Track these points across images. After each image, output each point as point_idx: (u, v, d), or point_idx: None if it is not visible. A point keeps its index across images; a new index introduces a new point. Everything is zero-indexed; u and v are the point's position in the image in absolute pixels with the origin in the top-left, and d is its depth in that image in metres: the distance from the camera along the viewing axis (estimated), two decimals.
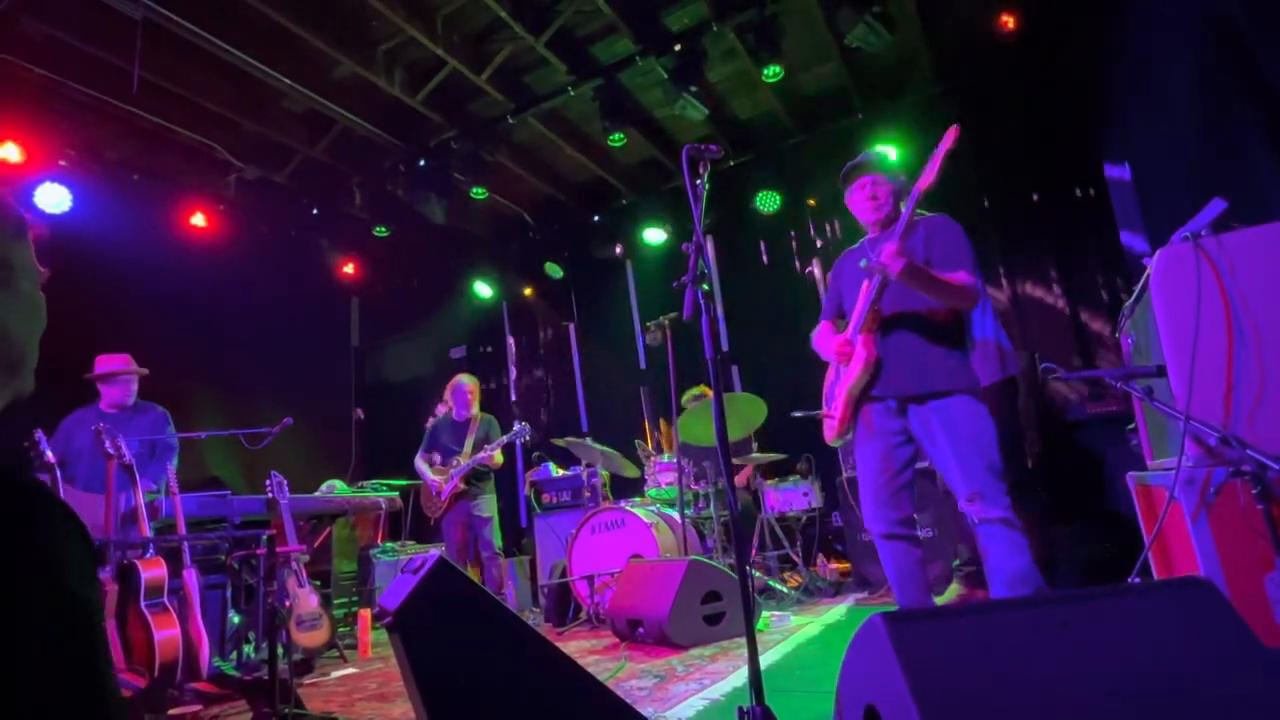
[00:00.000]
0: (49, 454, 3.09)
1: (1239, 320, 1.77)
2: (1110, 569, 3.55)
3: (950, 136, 2.20)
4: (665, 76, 4.90)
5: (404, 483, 5.74)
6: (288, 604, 3.71)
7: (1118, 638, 1.11)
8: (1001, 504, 2.23)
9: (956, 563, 3.93)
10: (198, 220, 6.03)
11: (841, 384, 2.53)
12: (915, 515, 2.46)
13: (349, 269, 7.28)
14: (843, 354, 2.51)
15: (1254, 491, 1.63)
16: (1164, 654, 1.10)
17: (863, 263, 2.50)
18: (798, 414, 4.62)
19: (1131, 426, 2.98)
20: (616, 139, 5.41)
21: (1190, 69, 3.17)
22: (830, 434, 2.59)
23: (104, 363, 4.19)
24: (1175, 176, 3.44)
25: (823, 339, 2.69)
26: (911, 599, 2.39)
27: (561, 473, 5.64)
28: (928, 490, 4.30)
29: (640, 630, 3.53)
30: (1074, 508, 3.99)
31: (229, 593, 3.96)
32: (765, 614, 3.83)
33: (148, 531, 3.42)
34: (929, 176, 2.23)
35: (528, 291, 7.68)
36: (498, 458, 5.05)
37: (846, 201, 2.66)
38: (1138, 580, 1.94)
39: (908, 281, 2.30)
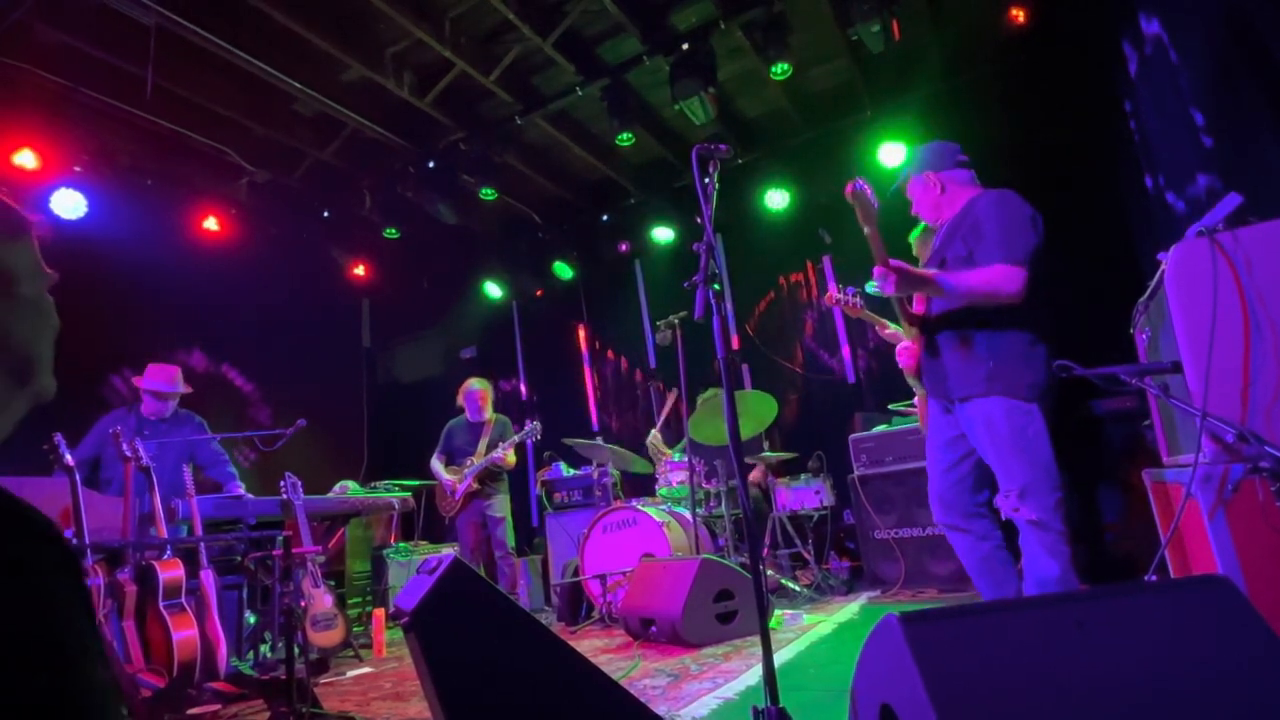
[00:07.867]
0: (68, 456, 3.13)
1: (1255, 315, 1.75)
2: (1126, 567, 3.53)
3: (847, 191, 2.18)
4: (672, 76, 4.88)
5: (416, 483, 5.76)
6: (303, 604, 3.74)
7: (1135, 637, 1.11)
8: (1039, 505, 2.14)
9: None
10: (210, 224, 6.08)
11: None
12: (981, 510, 2.39)
13: (359, 270, 7.33)
14: (901, 360, 2.62)
15: (1272, 488, 1.61)
16: (1182, 652, 1.09)
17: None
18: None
19: (1147, 423, 2.96)
20: (625, 138, 5.41)
21: (1203, 61, 3.14)
22: (920, 421, 2.70)
23: (153, 374, 4.28)
24: (1189, 169, 3.41)
25: None
26: (987, 591, 2.37)
27: (573, 472, 5.65)
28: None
29: (653, 629, 3.54)
30: (1088, 505, 3.96)
31: (245, 593, 3.99)
32: (778, 612, 3.83)
33: (165, 533, 3.46)
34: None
35: (538, 292, 7.70)
36: (510, 458, 5.08)
37: None
38: (1154, 578, 1.93)
39: (912, 293, 2.36)
